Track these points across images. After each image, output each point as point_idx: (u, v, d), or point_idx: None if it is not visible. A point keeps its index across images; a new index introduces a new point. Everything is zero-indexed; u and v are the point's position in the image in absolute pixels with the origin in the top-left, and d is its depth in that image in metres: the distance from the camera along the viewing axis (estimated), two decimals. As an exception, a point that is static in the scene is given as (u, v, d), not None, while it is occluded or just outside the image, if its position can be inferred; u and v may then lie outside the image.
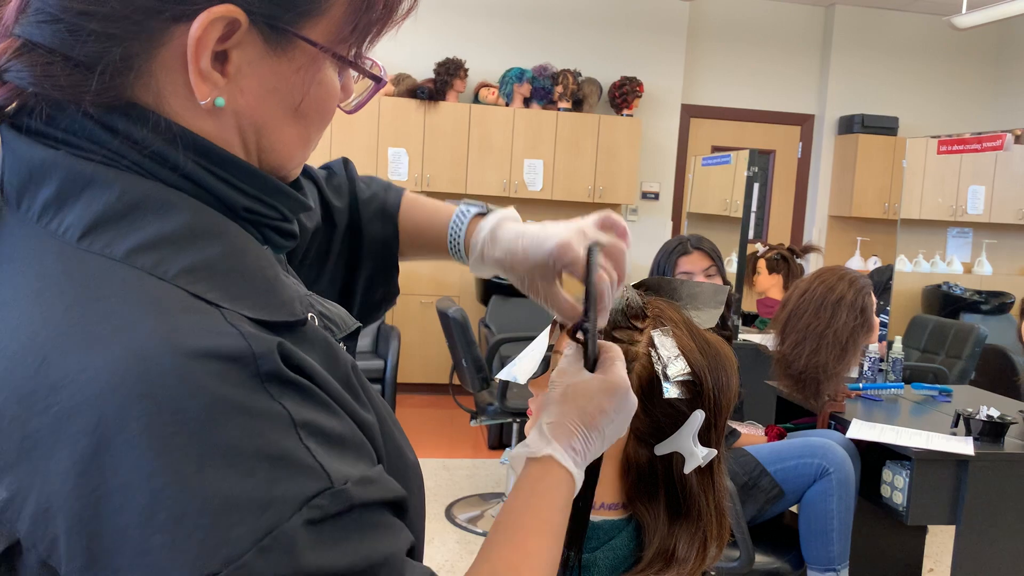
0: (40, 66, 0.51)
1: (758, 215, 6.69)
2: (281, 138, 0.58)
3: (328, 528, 0.47)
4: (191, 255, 0.51)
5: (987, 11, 4.69)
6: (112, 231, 0.50)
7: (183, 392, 0.45)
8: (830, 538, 2.38)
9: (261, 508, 0.45)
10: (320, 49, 0.56)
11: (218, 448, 0.45)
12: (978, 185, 5.25)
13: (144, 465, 0.44)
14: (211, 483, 0.44)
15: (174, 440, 0.44)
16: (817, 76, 6.88)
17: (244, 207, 0.56)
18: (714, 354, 0.99)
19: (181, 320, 0.48)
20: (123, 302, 0.48)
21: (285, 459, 0.47)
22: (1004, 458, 2.40)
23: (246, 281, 0.53)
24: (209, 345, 0.47)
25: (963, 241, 5.44)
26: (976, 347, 4.27)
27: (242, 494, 0.45)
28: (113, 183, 0.51)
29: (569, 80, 6.01)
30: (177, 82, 0.53)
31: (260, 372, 0.48)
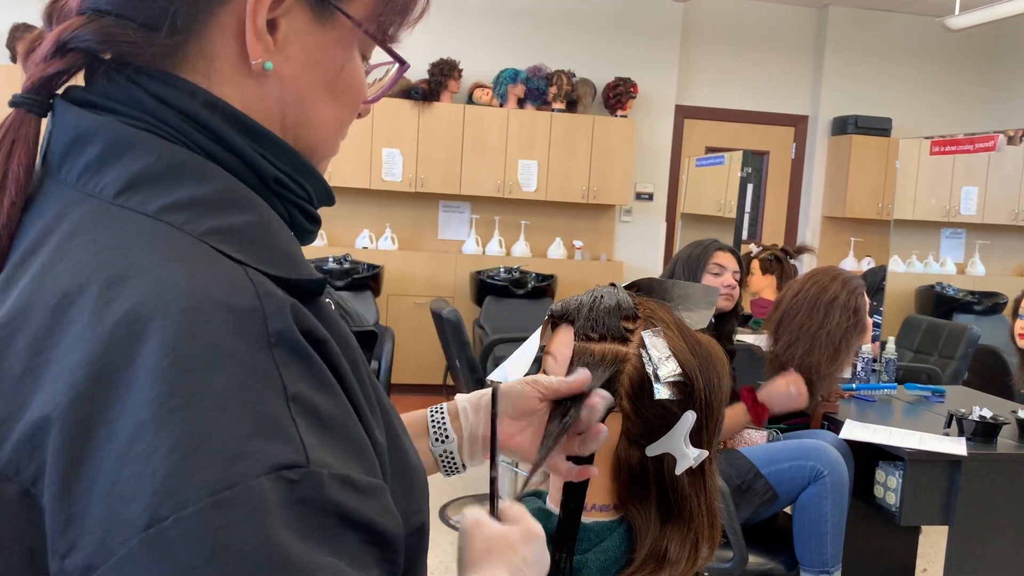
0: (108, 28, 0.54)
1: (752, 216, 6.70)
2: (318, 115, 0.61)
3: (292, 509, 0.45)
4: (221, 219, 0.53)
5: (980, 12, 4.70)
6: (146, 191, 0.53)
7: (190, 335, 0.46)
8: (823, 540, 2.38)
9: (231, 459, 0.44)
10: (357, 25, 0.60)
11: (207, 393, 0.45)
12: (971, 186, 5.27)
13: (137, 399, 0.44)
14: (189, 423, 0.44)
15: (168, 378, 0.45)
16: (811, 77, 6.89)
17: (275, 177, 0.58)
18: (705, 355, 0.99)
19: (202, 269, 0.49)
20: (150, 250, 0.50)
21: (269, 422, 0.46)
22: (997, 458, 2.41)
23: (271, 249, 0.54)
24: (224, 296, 0.48)
25: (956, 242, 5.45)
26: (969, 348, 4.28)
27: (217, 441, 0.44)
28: (153, 148, 0.54)
29: (563, 81, 6.01)
30: (230, 46, 0.56)
31: (268, 331, 0.48)
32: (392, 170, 5.89)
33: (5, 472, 0.47)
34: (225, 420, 0.44)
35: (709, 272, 2.60)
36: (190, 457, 0.43)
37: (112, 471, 0.44)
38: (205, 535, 0.42)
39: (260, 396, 0.46)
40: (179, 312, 0.46)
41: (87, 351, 0.46)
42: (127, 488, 0.43)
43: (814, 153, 6.90)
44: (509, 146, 6.01)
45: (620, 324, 0.99)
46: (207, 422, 0.44)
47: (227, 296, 0.48)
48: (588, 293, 1.04)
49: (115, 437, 0.44)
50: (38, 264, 0.52)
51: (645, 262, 6.45)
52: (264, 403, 0.46)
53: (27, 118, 0.56)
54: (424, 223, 6.27)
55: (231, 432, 0.44)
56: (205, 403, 0.44)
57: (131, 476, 0.43)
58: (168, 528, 0.42)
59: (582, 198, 6.14)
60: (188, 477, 0.43)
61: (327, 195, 0.64)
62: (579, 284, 5.97)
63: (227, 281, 0.49)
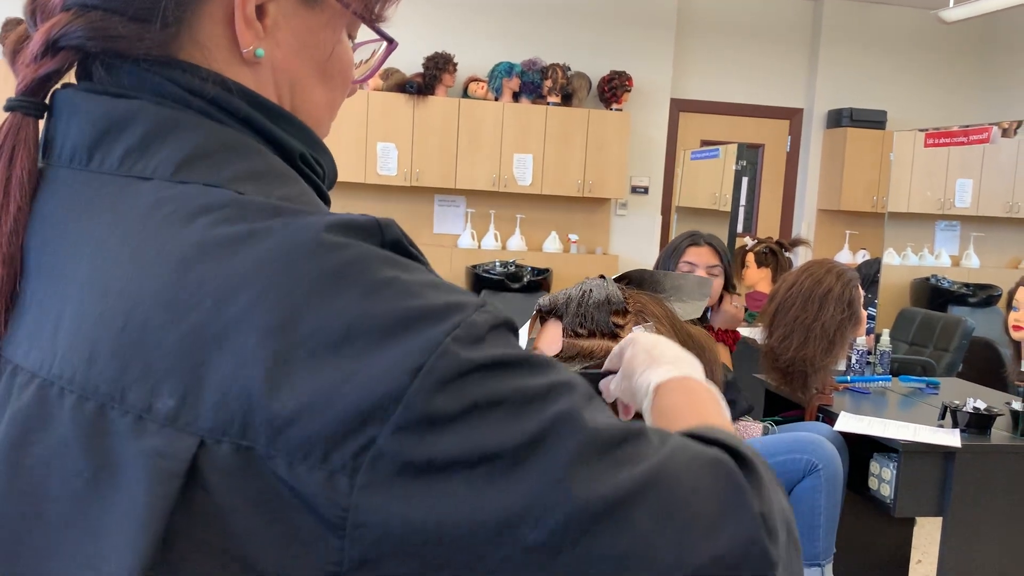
0: (96, 23, 0.53)
1: (747, 209, 6.68)
2: (311, 97, 0.62)
3: (500, 332, 0.48)
4: (282, 189, 0.53)
5: (973, 5, 4.70)
6: (204, 166, 0.52)
7: (334, 249, 0.46)
8: (816, 534, 2.39)
9: (445, 310, 0.46)
10: (345, 6, 0.60)
11: (385, 282, 0.46)
12: (965, 178, 5.28)
13: (322, 311, 0.45)
14: (392, 305, 0.45)
15: (344, 284, 0.45)
16: (806, 70, 6.89)
17: (301, 154, 0.59)
18: (698, 350, 0.97)
19: (307, 213, 0.49)
20: (244, 208, 0.49)
21: (442, 285, 0.49)
22: (990, 450, 2.42)
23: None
24: (343, 220, 0.48)
25: (951, 234, 5.47)
26: (963, 339, 4.29)
27: (423, 306, 0.46)
28: (199, 127, 0.53)
29: (558, 74, 6.00)
30: (221, 35, 0.56)
31: (386, 240, 0.50)
32: (387, 164, 5.88)
33: (213, 436, 0.45)
34: (414, 293, 0.47)
35: (680, 271, 2.59)
36: (411, 322, 0.45)
37: (341, 368, 0.44)
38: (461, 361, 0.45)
39: (420, 273, 0.49)
40: (315, 238, 0.47)
41: (244, 298, 0.45)
42: (370, 370, 0.44)
43: (809, 146, 6.90)
44: (504, 140, 6.00)
45: (610, 319, 0.97)
46: (403, 299, 0.46)
47: (343, 219, 0.49)
48: (577, 287, 1.03)
49: (321, 346, 0.44)
50: (121, 254, 0.50)
51: (641, 255, 6.45)
52: (427, 276, 0.49)
53: (25, 121, 0.55)
54: (419, 217, 6.26)
55: (424, 299, 0.47)
56: (390, 290, 0.46)
57: (365, 363, 0.44)
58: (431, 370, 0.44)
59: (577, 192, 6.14)
60: (420, 333, 0.45)
61: (335, 176, 0.65)
62: (575, 277, 5.96)
63: (330, 213, 0.50)
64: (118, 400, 0.47)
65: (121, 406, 0.47)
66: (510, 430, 0.45)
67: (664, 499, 0.46)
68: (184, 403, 0.45)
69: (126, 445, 0.46)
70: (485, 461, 0.44)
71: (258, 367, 0.44)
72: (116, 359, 0.47)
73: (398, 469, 0.43)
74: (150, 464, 0.45)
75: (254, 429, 0.44)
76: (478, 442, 0.44)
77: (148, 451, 0.45)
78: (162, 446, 0.45)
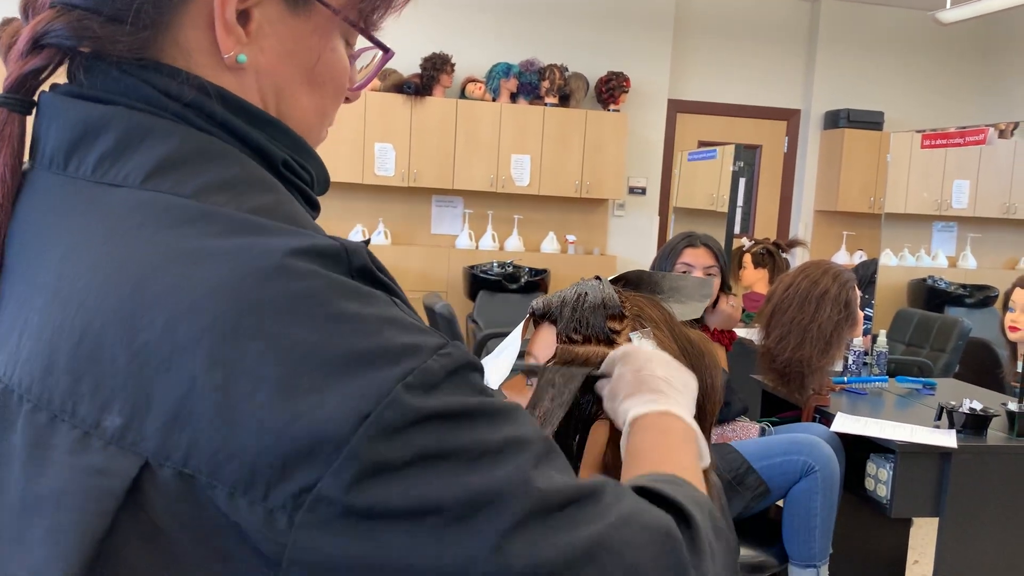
0: (76, 21, 0.52)
1: (744, 210, 6.70)
2: (299, 104, 0.60)
3: (458, 379, 0.48)
4: (256, 199, 0.52)
5: (971, 6, 4.71)
6: (175, 175, 0.51)
7: (294, 277, 0.45)
8: (812, 535, 2.39)
9: (399, 353, 0.45)
10: (335, 12, 0.58)
11: (342, 317, 0.45)
12: (962, 179, 5.28)
13: (273, 343, 0.44)
14: (346, 342, 0.45)
15: (298, 316, 0.44)
16: (803, 71, 6.89)
17: (283, 160, 0.57)
18: (697, 355, 0.94)
19: (272, 232, 0.48)
20: (211, 222, 0.48)
21: (402, 323, 0.48)
22: (986, 450, 2.42)
23: (302, 224, 0.54)
24: (306, 243, 0.47)
25: (948, 235, 5.47)
26: (960, 340, 4.29)
27: (377, 347, 0.45)
28: (172, 133, 0.52)
29: (556, 75, 6.00)
30: (203, 39, 0.54)
31: (352, 267, 0.49)
32: (385, 165, 5.88)
33: (157, 459, 0.44)
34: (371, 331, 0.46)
35: (676, 272, 2.58)
36: (363, 365, 0.44)
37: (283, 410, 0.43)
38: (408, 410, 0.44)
39: (382, 307, 0.48)
40: (275, 266, 0.46)
41: (195, 324, 0.44)
42: (313, 417, 0.43)
43: (806, 147, 6.90)
44: (502, 140, 6.00)
45: (605, 324, 0.91)
46: (359, 337, 0.45)
47: (308, 243, 0.48)
48: (571, 289, 0.97)
49: (263, 383, 0.43)
50: (85, 263, 0.49)
51: (638, 256, 6.45)
52: (388, 311, 0.48)
53: (11, 117, 0.54)
54: (417, 218, 6.26)
55: (383, 337, 0.46)
56: (347, 326, 0.45)
57: (311, 406, 0.43)
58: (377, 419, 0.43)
59: (575, 192, 6.14)
60: (372, 377, 0.44)
61: (325, 181, 0.64)
62: (572, 278, 5.97)
63: (298, 234, 0.49)
64: (69, 413, 0.46)
65: (71, 420, 0.46)
66: (455, 485, 0.44)
67: (601, 572, 0.46)
68: (131, 422, 0.45)
69: (67, 459, 0.46)
70: (427, 514, 0.44)
71: (204, 396, 0.43)
72: (70, 372, 0.47)
73: (338, 513, 0.43)
74: (89, 481, 0.45)
75: (197, 457, 0.44)
76: (421, 494, 0.44)
77: (88, 468, 0.45)
78: (103, 464, 0.45)
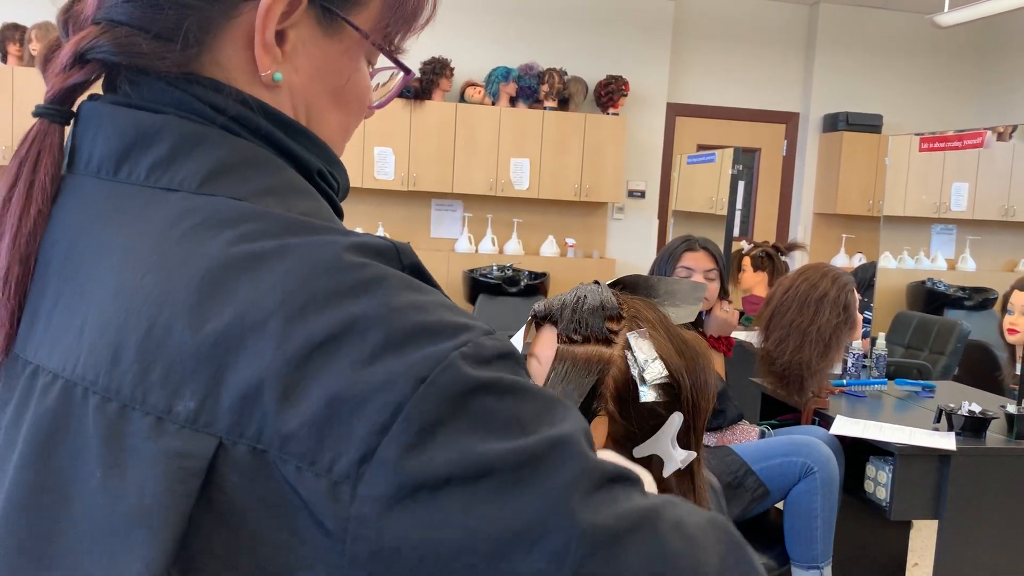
0: (122, 38, 0.55)
1: (743, 213, 6.72)
2: (327, 120, 0.63)
3: (509, 360, 0.49)
4: (301, 203, 0.55)
5: (969, 9, 4.72)
6: (227, 180, 0.54)
7: (355, 267, 0.48)
8: (814, 536, 2.39)
9: (455, 329, 0.47)
10: (363, 36, 0.61)
11: (403, 299, 0.48)
12: (961, 182, 5.29)
13: (341, 316, 0.46)
14: (408, 319, 0.47)
15: (362, 298, 0.47)
16: (801, 74, 6.91)
17: (318, 170, 0.60)
18: (692, 355, 0.98)
19: (327, 231, 0.51)
20: (268, 222, 0.50)
21: (455, 309, 0.50)
22: (986, 453, 2.42)
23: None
24: (362, 240, 0.50)
25: (947, 238, 5.47)
26: (959, 343, 4.30)
27: (436, 322, 0.47)
28: (222, 142, 0.55)
29: (555, 79, 6.01)
30: (241, 57, 0.57)
31: (404, 264, 0.52)
32: (384, 169, 5.89)
33: (231, 438, 0.46)
34: (430, 310, 0.48)
35: (676, 276, 2.58)
36: (423, 335, 0.47)
37: (355, 373, 0.45)
38: (464, 378, 0.45)
39: (436, 296, 0.50)
40: (337, 256, 0.48)
41: (267, 305, 0.46)
42: (378, 378, 0.45)
43: (805, 150, 6.91)
44: (501, 144, 6.01)
45: (604, 325, 0.97)
46: (419, 315, 0.47)
47: (363, 240, 0.51)
48: (571, 292, 1.02)
49: (340, 353, 0.45)
50: (147, 262, 0.51)
51: (637, 259, 6.46)
52: (442, 299, 0.50)
53: (51, 128, 0.57)
54: (417, 221, 6.27)
55: (439, 316, 0.48)
56: (408, 306, 0.48)
57: (378, 370, 0.45)
58: (434, 382, 0.45)
59: (574, 196, 6.15)
60: (430, 346, 0.46)
61: (347, 189, 0.67)
62: (572, 282, 5.97)
63: (352, 233, 0.52)
64: (139, 401, 0.48)
65: (142, 407, 0.48)
66: (511, 447, 0.45)
67: (667, 539, 0.46)
68: (204, 405, 0.46)
69: (145, 446, 0.47)
70: (484, 476, 0.44)
71: (273, 373, 0.45)
72: (139, 362, 0.48)
73: (398, 480, 0.43)
74: (171, 464, 0.46)
75: (268, 433, 0.45)
76: (478, 456, 0.44)
77: (168, 451, 0.46)
78: (182, 446, 0.46)
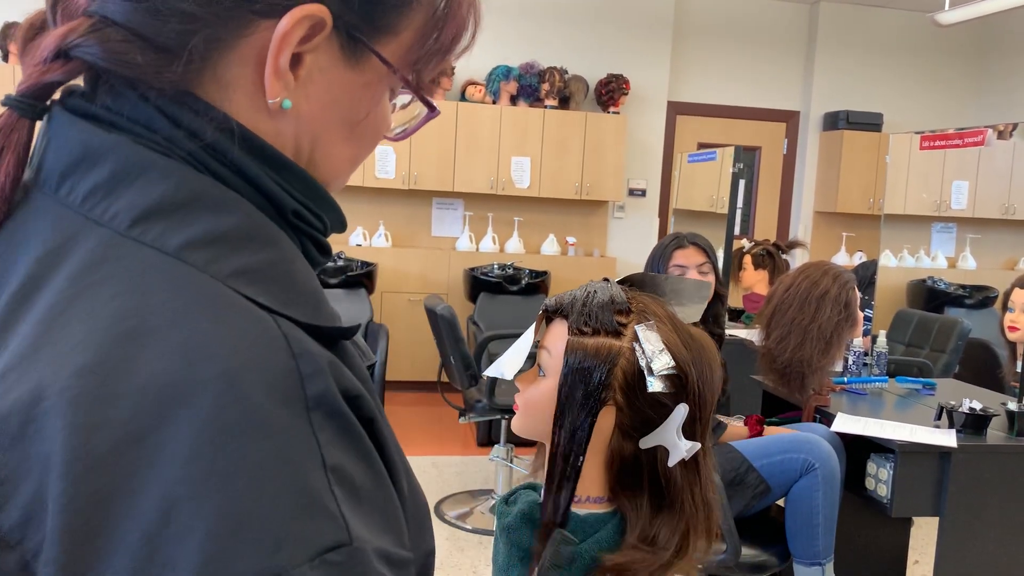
0: (115, 43, 0.49)
1: (744, 211, 6.73)
2: (334, 152, 0.57)
3: None
4: (244, 257, 0.48)
5: (969, 8, 4.73)
6: (164, 223, 0.47)
7: (226, 401, 0.41)
8: (815, 532, 2.40)
9: (275, 544, 0.40)
10: (392, 69, 0.55)
11: (245, 467, 0.40)
12: (962, 180, 5.29)
13: (167, 473, 0.40)
14: (228, 503, 0.40)
15: (204, 452, 0.40)
16: (802, 73, 6.91)
17: (293, 210, 0.54)
18: (698, 348, 1.01)
19: (232, 323, 0.44)
20: (175, 297, 0.45)
21: (310, 498, 0.42)
22: (986, 450, 2.43)
23: (296, 289, 0.50)
24: (258, 356, 0.44)
25: (947, 236, 5.48)
26: (960, 341, 4.31)
27: (257, 523, 0.40)
28: (171, 174, 0.49)
29: (556, 78, 6.02)
30: (247, 77, 0.52)
31: (307, 395, 0.44)
32: (385, 167, 5.89)
33: (9, 538, 0.41)
34: (265, 498, 0.40)
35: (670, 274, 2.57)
36: (230, 543, 0.39)
37: (136, 552, 0.39)
38: None
39: (299, 468, 0.42)
40: (213, 378, 0.42)
41: (113, 415, 0.41)
42: (162, 569, 0.38)
43: (806, 148, 6.92)
44: (502, 143, 6.02)
45: (613, 318, 1.00)
46: (246, 501, 0.40)
47: (261, 356, 0.44)
48: (581, 288, 1.05)
49: (140, 514, 0.39)
50: (45, 304, 0.46)
51: (638, 258, 6.47)
52: (304, 476, 0.42)
53: (20, 123, 0.50)
54: (418, 220, 6.28)
55: (272, 512, 0.40)
56: (243, 479, 0.40)
57: (162, 561, 0.38)
58: None
59: (575, 194, 6.16)
60: (230, 563, 0.39)
61: (341, 224, 0.60)
62: (573, 280, 5.99)
63: (259, 337, 0.45)
64: None
65: None
66: None
67: None
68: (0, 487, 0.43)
69: None
70: None
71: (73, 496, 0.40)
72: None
73: None
74: None
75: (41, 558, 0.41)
76: None
77: None
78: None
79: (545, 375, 1.05)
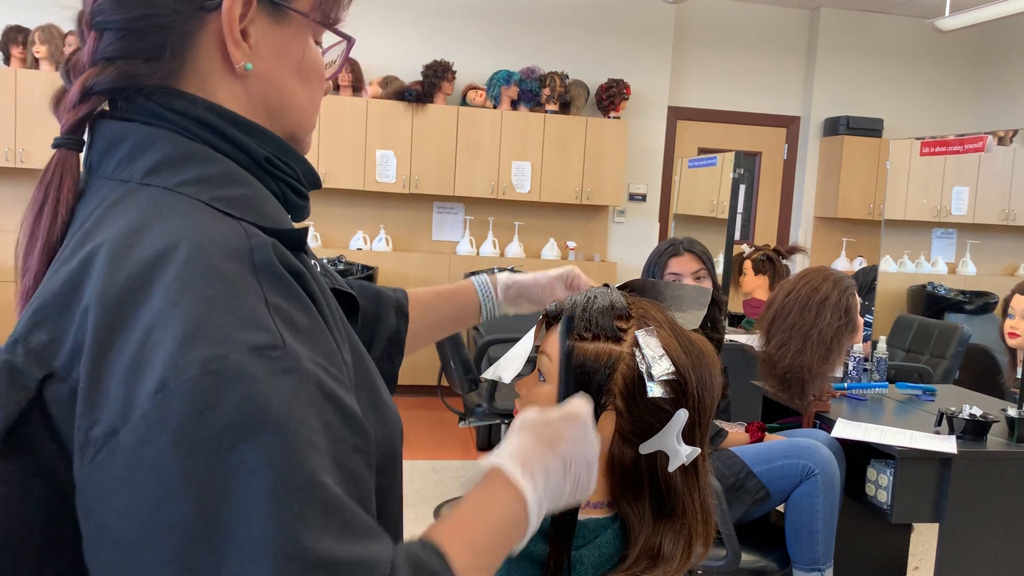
0: (117, 71, 0.69)
1: (744, 216, 6.73)
2: (295, 96, 0.76)
3: (278, 378, 0.56)
4: (223, 191, 0.68)
5: (970, 14, 4.74)
6: (166, 172, 0.68)
7: (194, 263, 0.59)
8: (815, 538, 2.40)
9: (221, 341, 0.56)
10: (305, 16, 0.75)
11: (204, 299, 0.58)
12: (962, 186, 5.30)
13: (152, 307, 0.58)
14: (188, 320, 0.56)
15: (174, 292, 0.58)
16: (802, 78, 6.92)
17: (265, 157, 0.72)
18: (698, 354, 1.01)
19: (206, 221, 0.64)
20: (169, 211, 0.64)
21: (253, 316, 0.58)
22: (986, 456, 2.43)
23: (262, 214, 0.69)
24: (222, 238, 0.62)
25: (947, 242, 5.48)
26: (960, 346, 4.30)
27: (211, 330, 0.56)
28: (170, 141, 0.69)
29: (556, 82, 6.02)
30: (214, 58, 0.71)
31: (254, 261, 0.62)
32: (386, 172, 5.90)
33: (62, 373, 0.60)
34: (216, 315, 0.57)
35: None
36: (188, 342, 0.56)
37: (131, 359, 0.56)
38: (196, 395, 0.54)
39: (244, 300, 0.59)
40: (188, 249, 0.60)
41: (121, 276, 0.60)
42: (142, 370, 0.56)
43: (806, 154, 6.93)
44: (503, 147, 6.02)
45: (613, 323, 1.00)
46: (202, 317, 0.57)
47: (224, 238, 0.62)
48: (582, 293, 1.05)
49: (134, 336, 0.57)
50: (88, 234, 0.66)
51: (639, 263, 6.46)
52: (248, 305, 0.59)
53: (69, 155, 0.70)
54: (418, 224, 6.28)
55: (221, 323, 0.57)
56: (201, 306, 0.57)
57: (145, 361, 0.56)
58: (170, 392, 0.55)
59: (575, 199, 6.16)
60: (183, 356, 0.55)
61: (313, 174, 0.78)
62: (573, 285, 5.98)
63: (225, 229, 0.63)
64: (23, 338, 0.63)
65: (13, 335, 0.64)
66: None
67: None
68: (52, 342, 0.61)
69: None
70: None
71: (93, 334, 0.58)
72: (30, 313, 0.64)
73: None
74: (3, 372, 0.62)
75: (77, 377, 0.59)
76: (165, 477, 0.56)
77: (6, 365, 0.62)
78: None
79: (545, 380, 1.04)
